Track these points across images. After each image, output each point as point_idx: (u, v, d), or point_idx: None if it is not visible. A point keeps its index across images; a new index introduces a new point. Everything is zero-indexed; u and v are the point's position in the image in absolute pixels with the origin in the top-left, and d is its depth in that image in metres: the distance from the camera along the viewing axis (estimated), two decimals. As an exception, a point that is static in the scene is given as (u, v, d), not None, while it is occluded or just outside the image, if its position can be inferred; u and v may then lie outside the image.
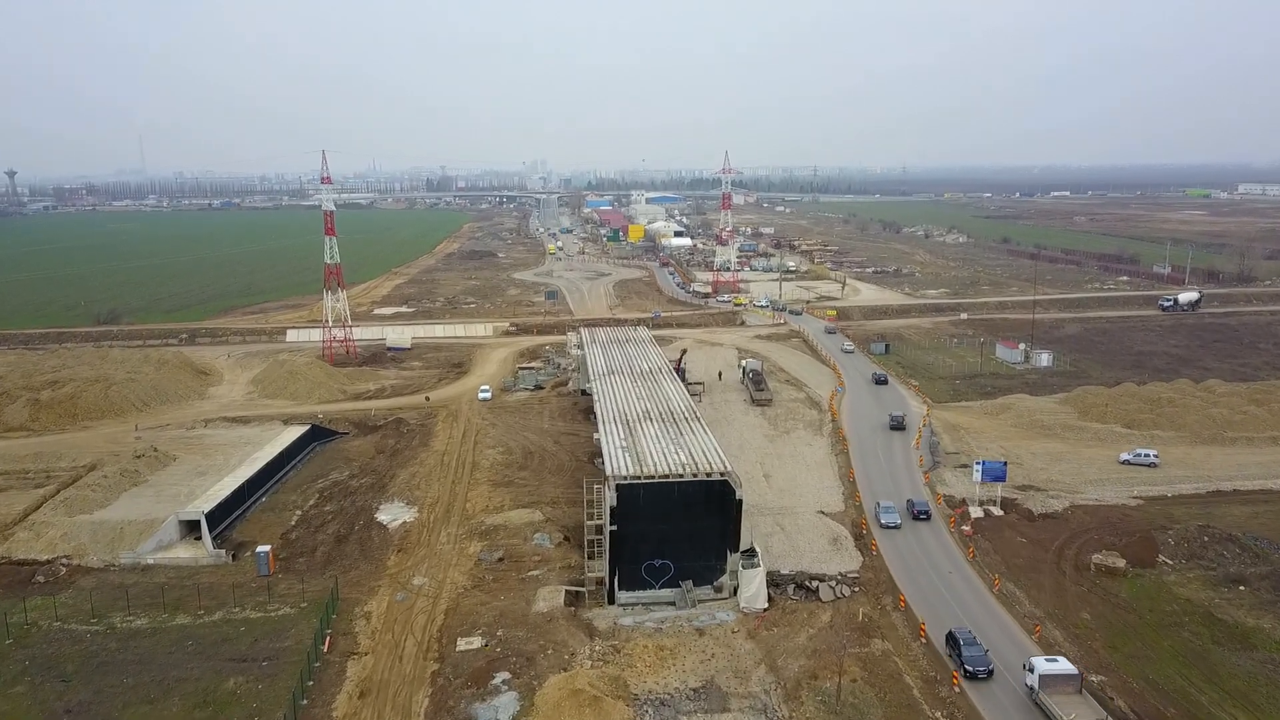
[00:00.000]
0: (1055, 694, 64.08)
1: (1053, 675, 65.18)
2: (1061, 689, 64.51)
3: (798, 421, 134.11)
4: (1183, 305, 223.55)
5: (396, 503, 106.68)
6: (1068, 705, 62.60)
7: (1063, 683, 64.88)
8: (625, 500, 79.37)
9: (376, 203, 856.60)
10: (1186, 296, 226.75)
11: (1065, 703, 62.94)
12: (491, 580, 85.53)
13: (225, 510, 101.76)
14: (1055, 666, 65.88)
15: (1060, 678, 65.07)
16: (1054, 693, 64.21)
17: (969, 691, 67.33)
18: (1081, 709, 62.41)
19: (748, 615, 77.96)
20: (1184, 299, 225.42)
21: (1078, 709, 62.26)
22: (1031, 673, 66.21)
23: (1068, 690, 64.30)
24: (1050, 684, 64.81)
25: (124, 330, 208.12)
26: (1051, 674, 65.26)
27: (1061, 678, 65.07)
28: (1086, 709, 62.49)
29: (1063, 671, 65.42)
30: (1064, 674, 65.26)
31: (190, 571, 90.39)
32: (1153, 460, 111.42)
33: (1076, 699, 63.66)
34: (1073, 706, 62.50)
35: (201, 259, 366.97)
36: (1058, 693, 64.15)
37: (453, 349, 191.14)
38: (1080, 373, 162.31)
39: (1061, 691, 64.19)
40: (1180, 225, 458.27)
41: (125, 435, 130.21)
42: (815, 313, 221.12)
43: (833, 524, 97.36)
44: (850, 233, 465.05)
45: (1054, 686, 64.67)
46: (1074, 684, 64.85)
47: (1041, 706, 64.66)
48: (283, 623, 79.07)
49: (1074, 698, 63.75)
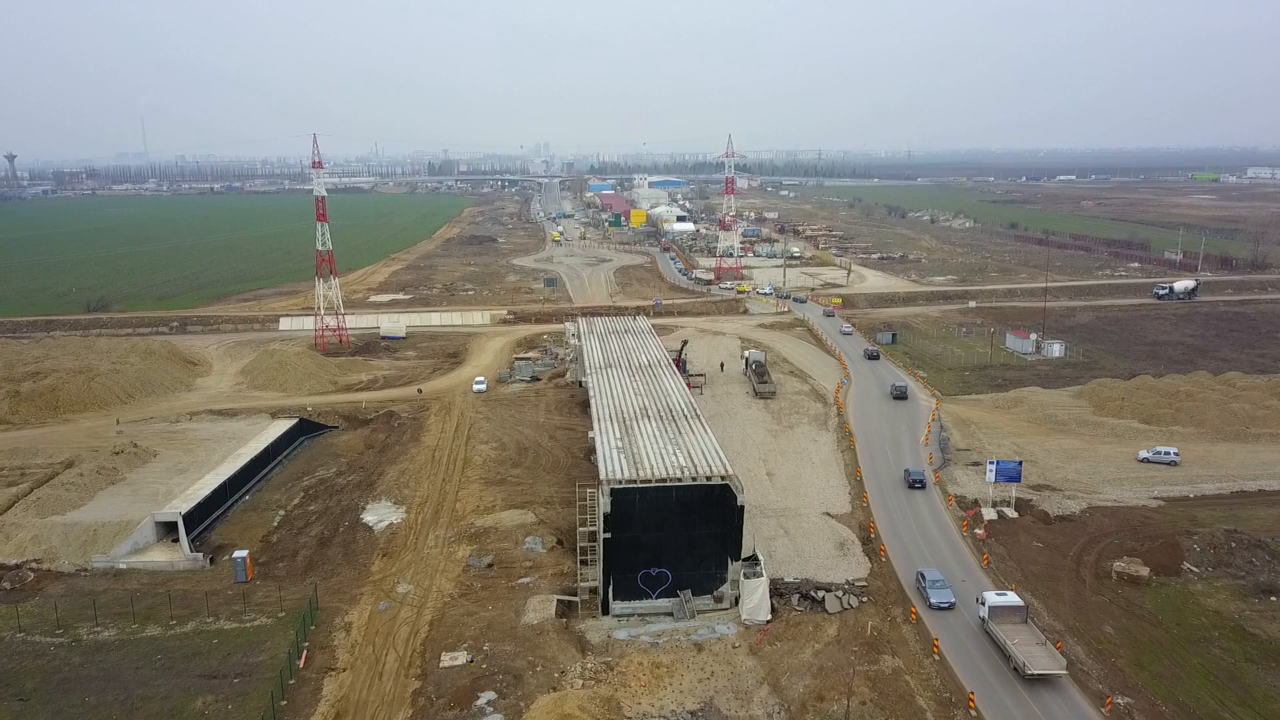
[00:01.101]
0: (1003, 623, 71.01)
1: (1001, 607, 72.18)
2: (1009, 619, 71.50)
3: (802, 415, 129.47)
4: (1179, 293, 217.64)
5: (384, 502, 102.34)
6: (1013, 632, 69.79)
7: (1010, 614, 71.88)
8: (620, 506, 74.85)
9: (378, 187, 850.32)
10: (1183, 284, 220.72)
11: (1011, 630, 70.10)
12: (480, 588, 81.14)
13: (205, 510, 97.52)
14: (1004, 600, 73.02)
15: (1008, 609, 72.14)
16: (1002, 622, 71.11)
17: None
18: (1024, 634, 69.80)
19: (750, 628, 73.57)
20: (1180, 287, 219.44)
21: (1020, 634, 69.59)
22: (983, 605, 72.72)
23: (1014, 620, 71.32)
24: (999, 614, 71.75)
25: (113, 318, 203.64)
26: (1000, 606, 72.22)
27: (1009, 609, 72.15)
28: (1028, 634, 69.87)
29: (1010, 604, 72.52)
30: (1011, 606, 72.35)
31: (165, 577, 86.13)
32: (1173, 458, 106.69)
33: (1022, 628, 70.66)
34: (1017, 633, 69.79)
35: (198, 244, 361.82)
36: (1005, 622, 71.11)
37: (449, 338, 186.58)
38: (1093, 363, 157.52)
39: (1009, 621, 71.25)
40: (1190, 210, 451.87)
41: (107, 429, 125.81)
42: (820, 300, 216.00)
43: (839, 527, 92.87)
44: (855, 217, 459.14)
45: (1002, 617, 71.59)
46: (1020, 615, 71.93)
47: (990, 634, 71.24)
48: (258, 634, 74.83)
49: (1019, 626, 70.81)
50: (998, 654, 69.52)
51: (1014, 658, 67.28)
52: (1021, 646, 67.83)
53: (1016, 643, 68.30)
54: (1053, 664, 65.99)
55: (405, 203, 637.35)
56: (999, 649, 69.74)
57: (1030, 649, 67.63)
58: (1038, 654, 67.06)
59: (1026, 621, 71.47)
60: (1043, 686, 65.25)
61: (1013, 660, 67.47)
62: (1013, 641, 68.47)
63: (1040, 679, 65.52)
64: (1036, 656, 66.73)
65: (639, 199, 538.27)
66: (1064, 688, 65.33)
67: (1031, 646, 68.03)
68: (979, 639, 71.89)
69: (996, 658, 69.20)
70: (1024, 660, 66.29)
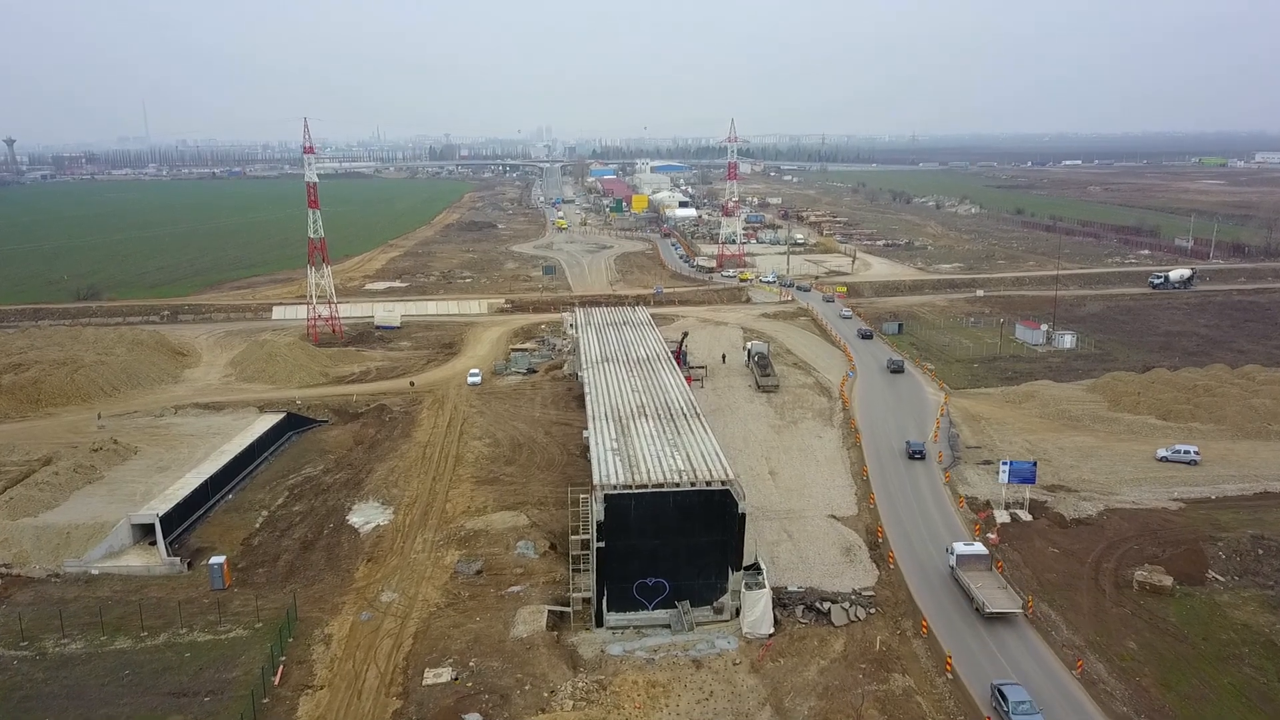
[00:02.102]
0: (969, 570, 76.62)
1: (968, 555, 77.88)
2: (975, 566, 77.13)
3: (806, 410, 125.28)
4: (1174, 283, 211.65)
5: (371, 502, 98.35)
6: (977, 578, 75.59)
7: (976, 561, 77.51)
8: (615, 512, 70.79)
9: (379, 172, 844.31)
10: (1178, 274, 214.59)
11: (975, 575, 75.92)
12: (468, 597, 77.21)
13: (184, 511, 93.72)
14: (971, 549, 78.72)
15: (974, 557, 77.83)
16: (968, 569, 76.70)
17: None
18: (987, 579, 75.70)
19: (751, 642, 69.60)
20: (1175, 276, 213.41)
21: (984, 579, 75.45)
22: (952, 554, 78.46)
23: (980, 568, 77.07)
24: (965, 562, 77.37)
25: (103, 307, 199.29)
26: (967, 554, 77.92)
27: (975, 557, 77.84)
28: (991, 579, 75.83)
29: (976, 553, 78.27)
30: (977, 554, 78.10)
31: (140, 583, 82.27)
32: (1193, 457, 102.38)
33: (986, 574, 76.55)
34: (981, 578, 75.60)
35: (194, 230, 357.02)
36: (971, 569, 76.72)
37: (444, 327, 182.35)
38: (1105, 355, 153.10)
39: (974, 569, 76.87)
40: (1199, 196, 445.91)
41: (89, 424, 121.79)
42: (825, 289, 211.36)
43: (845, 530, 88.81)
44: (859, 203, 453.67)
45: (969, 565, 77.17)
46: (985, 563, 77.67)
47: (957, 580, 77.00)
48: (233, 647, 70.97)
49: (985, 573, 76.61)
50: (964, 598, 75.17)
51: (975, 599, 73.18)
52: (983, 590, 73.66)
53: (979, 586, 74.15)
54: (1010, 604, 71.95)
55: (406, 188, 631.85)
56: (964, 592, 75.42)
57: (991, 591, 73.62)
58: (997, 596, 73.00)
59: (991, 569, 77.24)
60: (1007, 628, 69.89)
61: (975, 601, 73.18)
62: (976, 585, 74.23)
63: (998, 617, 71.75)
64: (996, 598, 72.66)
65: (641, 184, 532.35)
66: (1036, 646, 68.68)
67: (993, 590, 73.99)
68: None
69: (963, 602, 74.32)
70: (983, 600, 72.18)
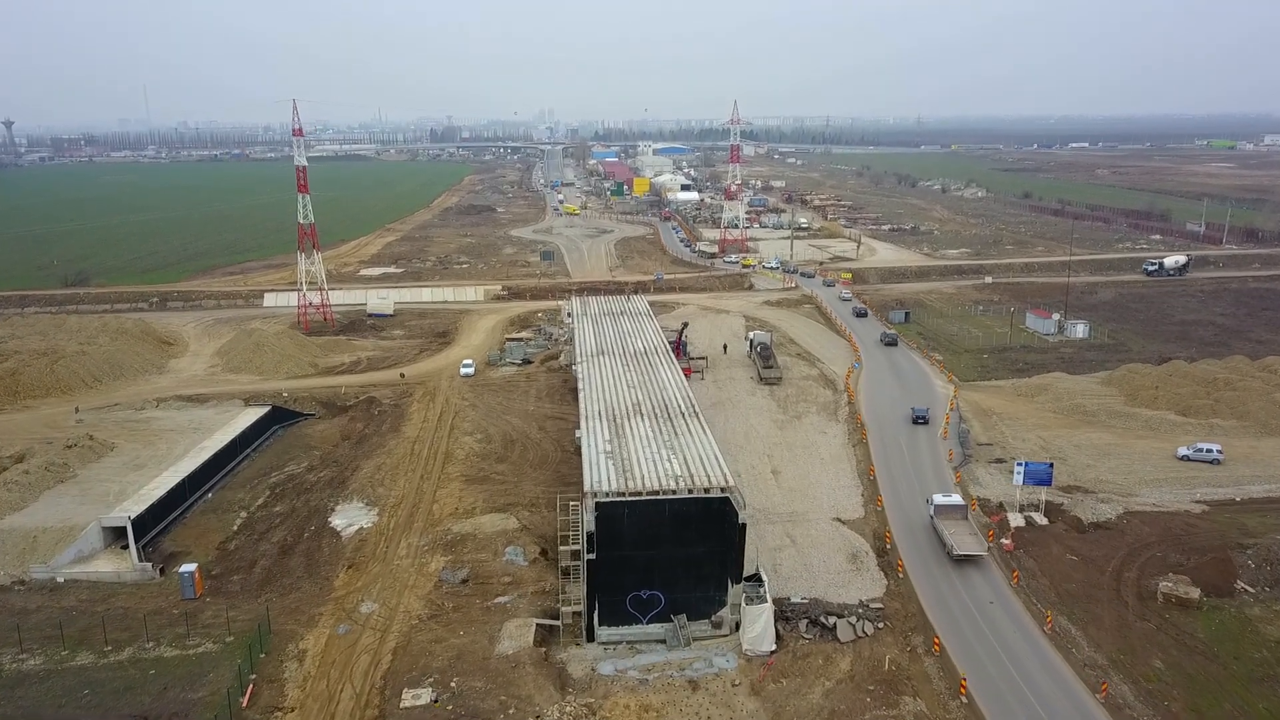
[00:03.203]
0: (945, 518, 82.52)
1: (945, 505, 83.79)
2: (951, 515, 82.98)
3: (810, 404, 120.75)
4: (1169, 270, 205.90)
5: (355, 503, 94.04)
6: (951, 525, 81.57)
7: (952, 511, 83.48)
8: (607, 521, 66.43)
9: (380, 154, 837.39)
10: (1173, 260, 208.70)
11: (950, 523, 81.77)
12: (452, 609, 72.96)
13: (159, 513, 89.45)
14: (948, 500, 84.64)
15: (951, 507, 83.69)
16: (944, 518, 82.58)
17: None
18: (960, 526, 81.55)
19: (752, 661, 65.32)
20: (1170, 263, 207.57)
21: (957, 526, 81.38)
22: (931, 505, 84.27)
23: (955, 517, 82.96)
24: (942, 511, 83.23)
25: (91, 294, 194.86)
26: (944, 504, 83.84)
27: (952, 507, 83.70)
28: (964, 526, 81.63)
29: (953, 503, 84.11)
30: (953, 504, 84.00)
31: (108, 591, 78.12)
32: (1215, 456, 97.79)
33: (961, 522, 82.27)
34: (955, 525, 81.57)
35: (191, 214, 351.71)
36: (947, 518, 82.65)
37: (439, 315, 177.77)
38: (1119, 345, 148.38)
39: (950, 517, 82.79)
40: (1209, 179, 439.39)
41: (68, 417, 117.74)
42: (830, 275, 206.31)
43: (851, 535, 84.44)
44: (864, 186, 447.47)
45: (945, 514, 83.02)
46: (961, 512, 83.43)
47: (935, 528, 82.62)
48: (201, 664, 66.83)
49: (959, 521, 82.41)
50: (939, 543, 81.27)
51: (946, 543, 79.45)
52: (955, 535, 79.90)
53: (951, 532, 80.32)
54: (977, 548, 78.51)
55: (406, 170, 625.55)
56: (939, 538, 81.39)
57: (962, 537, 79.92)
58: (967, 540, 79.47)
59: (966, 518, 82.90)
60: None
61: (946, 545, 79.42)
62: (948, 531, 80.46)
63: (966, 559, 78.14)
64: (965, 542, 79.16)
65: (643, 166, 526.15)
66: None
67: (964, 535, 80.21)
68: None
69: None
70: (953, 544, 78.54)
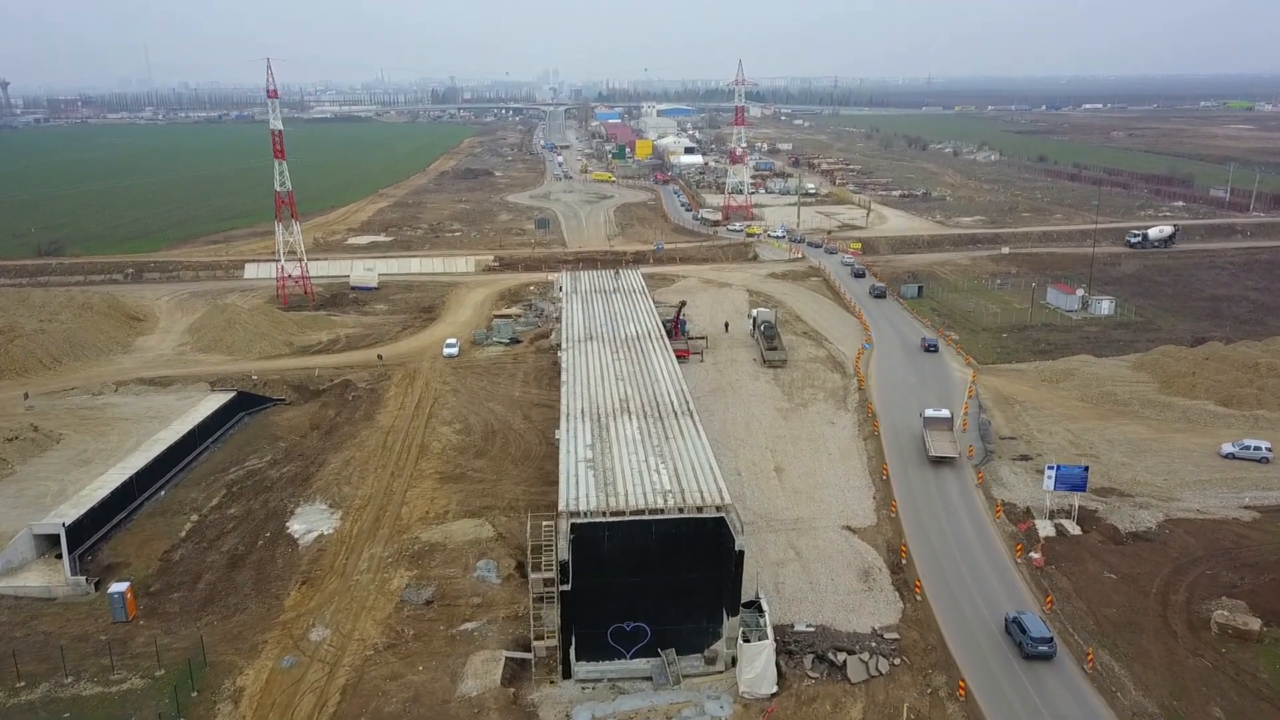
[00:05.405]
0: (931, 429, 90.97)
1: (932, 418, 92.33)
2: (938, 427, 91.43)
3: (818, 389, 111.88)
4: (1153, 241, 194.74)
5: (318, 504, 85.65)
6: (935, 435, 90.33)
7: (939, 423, 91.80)
8: (585, 545, 57.90)
9: (380, 115, 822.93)
10: (1158, 231, 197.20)
11: (935, 434, 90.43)
12: (412, 636, 64.74)
13: (99, 517, 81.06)
14: (938, 413, 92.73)
15: (938, 419, 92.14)
16: (931, 429, 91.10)
17: None
18: (944, 435, 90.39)
19: (749, 706, 57.04)
20: (1155, 234, 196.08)
21: (940, 435, 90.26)
22: (921, 417, 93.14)
23: (942, 428, 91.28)
24: (930, 424, 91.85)
25: (63, 264, 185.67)
26: (932, 417, 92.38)
27: (939, 419, 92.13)
28: (946, 435, 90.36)
29: (941, 416, 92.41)
30: (941, 418, 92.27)
31: (34, 611, 70.07)
32: (1265, 454, 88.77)
33: (945, 432, 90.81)
34: (939, 434, 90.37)
35: (181, 178, 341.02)
36: (934, 429, 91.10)
37: (425, 288, 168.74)
38: (1147, 323, 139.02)
39: (937, 428, 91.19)
40: (1229, 141, 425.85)
41: (16, 404, 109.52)
42: (837, 243, 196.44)
43: (863, 547, 75.86)
44: (873, 149, 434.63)
45: (933, 425, 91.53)
46: (948, 424, 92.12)
47: (923, 439, 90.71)
48: (124, 704, 58.78)
49: (943, 431, 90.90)
50: (923, 448, 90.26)
51: (927, 446, 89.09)
52: (935, 441, 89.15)
53: (933, 439, 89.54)
54: (950, 451, 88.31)
55: (405, 132, 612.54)
56: (923, 445, 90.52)
57: (941, 443, 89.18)
58: (945, 445, 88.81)
59: (950, 430, 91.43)
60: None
61: (926, 449, 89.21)
62: (931, 439, 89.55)
63: (940, 461, 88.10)
64: (942, 446, 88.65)
65: (646, 128, 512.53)
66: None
67: (943, 442, 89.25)
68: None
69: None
70: (932, 447, 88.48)
